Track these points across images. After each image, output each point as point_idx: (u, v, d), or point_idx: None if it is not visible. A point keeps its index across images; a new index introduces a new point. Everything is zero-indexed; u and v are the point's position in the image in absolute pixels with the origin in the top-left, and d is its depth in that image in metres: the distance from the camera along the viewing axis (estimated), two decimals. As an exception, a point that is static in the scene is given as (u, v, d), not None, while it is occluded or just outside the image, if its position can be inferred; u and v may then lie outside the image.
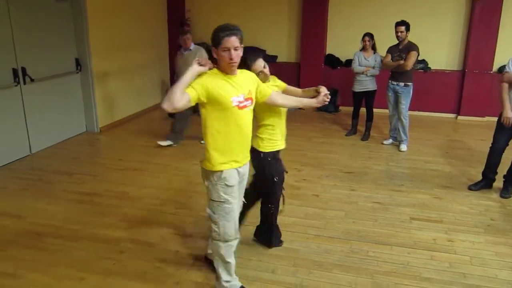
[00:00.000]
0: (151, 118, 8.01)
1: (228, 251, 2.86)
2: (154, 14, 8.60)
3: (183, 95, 2.45)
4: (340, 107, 8.46)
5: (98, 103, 6.88)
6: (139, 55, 8.01)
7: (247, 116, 2.70)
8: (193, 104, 2.53)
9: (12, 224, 3.99)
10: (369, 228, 3.95)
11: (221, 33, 2.50)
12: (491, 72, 7.74)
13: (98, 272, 3.26)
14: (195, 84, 2.51)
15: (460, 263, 3.39)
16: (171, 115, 7.96)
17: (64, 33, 6.35)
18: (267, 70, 3.16)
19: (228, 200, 2.73)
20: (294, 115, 7.95)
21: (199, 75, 2.56)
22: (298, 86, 3.12)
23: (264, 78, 3.08)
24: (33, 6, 5.73)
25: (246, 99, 2.67)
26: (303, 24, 8.47)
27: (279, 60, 8.85)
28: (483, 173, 4.84)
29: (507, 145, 4.66)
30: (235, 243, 2.88)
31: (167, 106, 2.44)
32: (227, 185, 2.71)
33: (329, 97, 3.14)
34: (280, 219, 3.91)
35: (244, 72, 2.79)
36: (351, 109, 6.89)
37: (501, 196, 4.63)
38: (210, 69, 2.61)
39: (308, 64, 8.51)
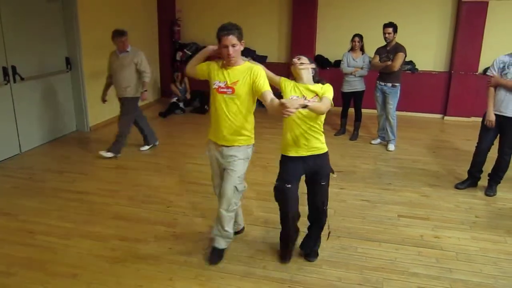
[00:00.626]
0: (141, 118, 8.00)
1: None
2: (145, 13, 8.61)
3: (194, 67, 3.27)
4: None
5: (88, 102, 6.87)
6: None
7: (223, 101, 3.10)
8: (200, 77, 3.26)
9: (3, 222, 4.00)
10: (358, 225, 4.03)
11: (220, 32, 2.98)
12: (477, 73, 7.89)
13: (91, 269, 3.29)
14: (204, 64, 3.22)
15: (446, 259, 3.49)
16: (162, 114, 8.00)
17: (54, 32, 6.34)
18: None
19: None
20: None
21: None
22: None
23: None
24: (24, 5, 5.73)
25: (227, 87, 3.07)
26: (293, 24, 8.55)
27: (269, 60, 8.91)
28: (469, 172, 4.95)
29: (492, 144, 4.77)
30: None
31: (186, 70, 3.34)
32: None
33: (292, 112, 2.58)
34: (270, 216, 3.99)
35: (247, 67, 3.10)
36: (340, 109, 6.97)
37: (486, 194, 4.74)
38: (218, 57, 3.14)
39: (298, 65, 8.57)
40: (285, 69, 8.70)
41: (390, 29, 5.96)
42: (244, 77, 3.05)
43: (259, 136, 3.57)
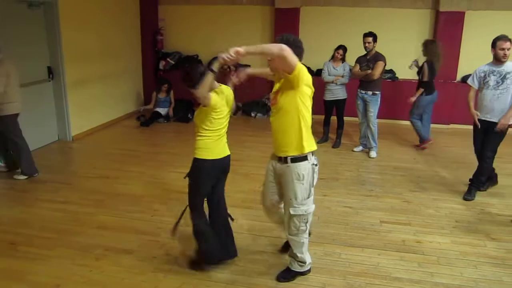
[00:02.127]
0: (124, 126, 7.98)
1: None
2: (128, 22, 8.60)
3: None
4: (312, 115, 8.61)
5: (71, 111, 6.82)
6: (112, 63, 7.99)
7: None
8: None
9: (-16, 233, 3.95)
10: (341, 232, 4.08)
11: None
12: (455, 81, 8.07)
13: (75, 279, 3.27)
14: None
15: (428, 263, 3.56)
16: (144, 123, 7.97)
17: (36, 41, 6.29)
18: None
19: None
20: (268, 124, 8.06)
21: None
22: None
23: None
24: (5, 12, 5.68)
25: None
26: (275, 33, 8.63)
27: (248, 68, 8.96)
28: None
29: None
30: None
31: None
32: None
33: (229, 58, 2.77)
34: (255, 224, 4.02)
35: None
36: (322, 117, 7.05)
37: (464, 199, 4.85)
38: None
39: (281, 73, 8.65)
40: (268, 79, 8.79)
41: (370, 39, 6.08)
42: None
43: (241, 144, 3.60)
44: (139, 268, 3.42)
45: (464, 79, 8.04)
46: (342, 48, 6.55)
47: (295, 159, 3.03)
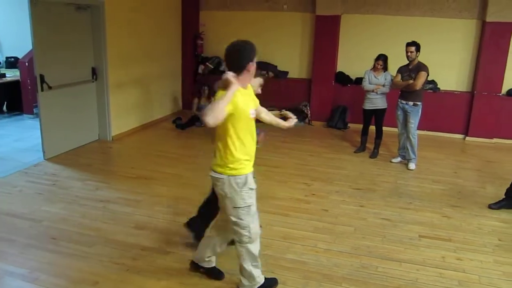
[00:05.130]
0: (161, 128, 8.11)
1: (258, 246, 3.07)
2: (169, 27, 8.76)
3: (223, 110, 2.65)
4: (349, 124, 8.53)
5: (112, 111, 6.99)
6: (153, 66, 8.15)
7: (253, 126, 2.98)
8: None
9: (28, 227, 4.08)
10: (378, 244, 4.00)
11: (255, 52, 2.85)
12: (500, 94, 7.81)
13: (112, 277, 3.33)
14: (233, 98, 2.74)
15: (468, 282, 3.43)
16: (181, 126, 8.05)
17: (82, 42, 6.48)
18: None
19: (252, 204, 2.95)
20: (304, 131, 8.04)
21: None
22: (309, 102, 3.29)
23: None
24: (54, 14, 5.87)
25: (254, 111, 2.98)
26: (315, 40, 8.60)
27: (290, 76, 8.96)
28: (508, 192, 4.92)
29: None
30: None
31: (213, 121, 2.60)
32: (251, 189, 2.93)
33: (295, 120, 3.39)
34: (290, 232, 4.00)
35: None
36: (360, 126, 6.96)
37: (489, 206, 4.87)
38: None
39: (319, 81, 8.61)
40: (307, 85, 8.76)
41: (413, 48, 5.96)
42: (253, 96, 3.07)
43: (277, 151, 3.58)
44: (175, 270, 3.45)
45: (510, 92, 7.79)
46: (382, 58, 6.43)
47: None
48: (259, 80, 3.41)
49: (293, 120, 3.35)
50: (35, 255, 3.60)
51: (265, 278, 3.17)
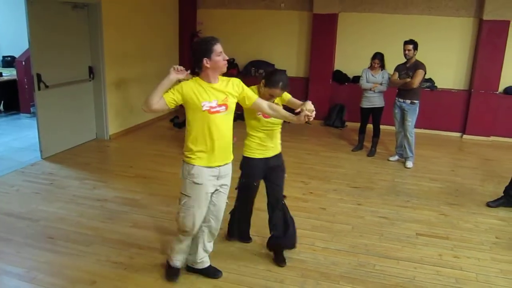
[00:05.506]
0: (158, 127, 8.10)
1: (185, 245, 3.25)
2: (166, 25, 8.74)
3: (160, 99, 2.81)
4: (347, 123, 8.53)
5: (109, 110, 6.98)
6: (150, 64, 8.11)
7: (219, 120, 2.91)
8: (172, 107, 2.90)
9: (25, 226, 4.07)
10: (376, 242, 4.00)
11: (215, 41, 2.90)
12: (497, 92, 7.82)
13: (109, 276, 3.33)
14: (173, 89, 2.86)
15: (465, 279, 3.44)
16: (177, 124, 8.06)
17: (79, 41, 6.47)
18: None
19: (191, 197, 3.02)
20: (301, 129, 8.03)
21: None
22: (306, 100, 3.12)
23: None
24: (51, 12, 5.85)
25: (220, 105, 2.90)
26: (312, 39, 8.60)
27: (287, 74, 8.91)
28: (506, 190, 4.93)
29: None
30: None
31: (145, 108, 2.85)
32: (194, 183, 2.99)
33: (311, 116, 2.95)
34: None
35: (224, 79, 3.00)
36: (358, 124, 6.96)
37: (487, 204, 4.89)
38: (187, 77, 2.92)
39: (317, 80, 8.61)
40: (304, 84, 8.75)
41: (411, 46, 5.96)
42: (229, 91, 2.96)
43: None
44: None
45: (507, 90, 7.81)
46: (378, 56, 6.43)
47: None
48: (309, 105, 3.02)
49: (305, 115, 2.94)
50: (32, 255, 3.60)
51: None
